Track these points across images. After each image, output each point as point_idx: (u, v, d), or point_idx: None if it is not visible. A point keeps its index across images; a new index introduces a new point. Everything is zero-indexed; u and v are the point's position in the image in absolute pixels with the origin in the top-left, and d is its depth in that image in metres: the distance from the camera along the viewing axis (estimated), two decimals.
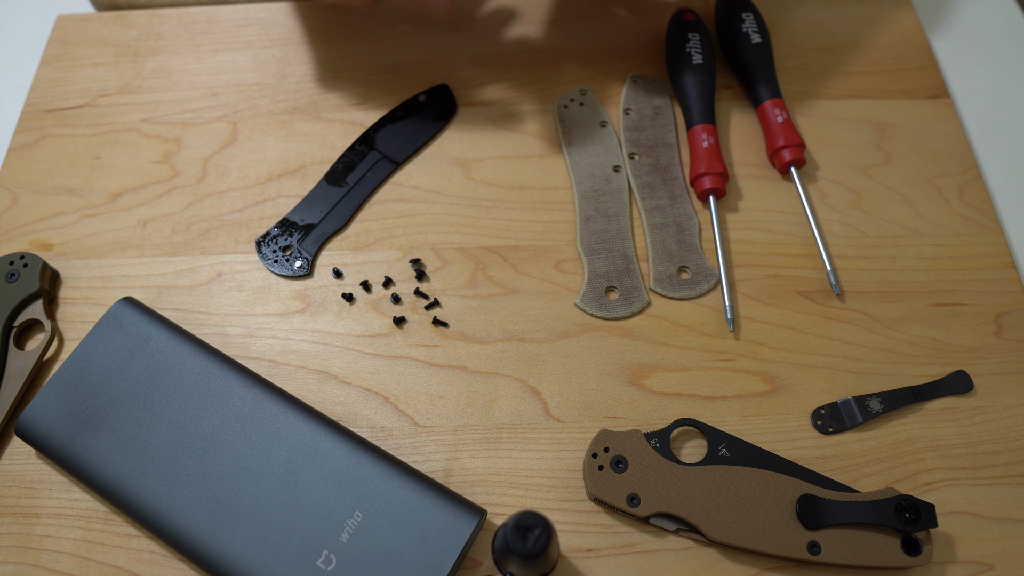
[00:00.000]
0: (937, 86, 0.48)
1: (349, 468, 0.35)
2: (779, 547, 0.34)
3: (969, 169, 0.45)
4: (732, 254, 0.43)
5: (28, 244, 0.45)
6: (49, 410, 0.37)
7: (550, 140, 0.47)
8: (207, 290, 0.43)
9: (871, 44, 0.50)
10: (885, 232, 0.43)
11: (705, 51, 0.46)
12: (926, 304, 0.41)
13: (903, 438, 0.38)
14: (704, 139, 0.44)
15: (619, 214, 0.44)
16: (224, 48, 0.51)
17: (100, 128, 0.48)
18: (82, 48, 0.52)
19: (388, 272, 0.43)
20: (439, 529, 0.33)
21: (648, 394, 0.39)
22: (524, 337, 0.41)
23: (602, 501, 0.36)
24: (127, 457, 0.36)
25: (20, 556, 0.36)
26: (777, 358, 0.40)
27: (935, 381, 0.39)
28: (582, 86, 0.49)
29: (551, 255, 0.43)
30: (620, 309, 0.41)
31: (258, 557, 0.33)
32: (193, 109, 0.49)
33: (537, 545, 0.28)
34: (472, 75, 0.50)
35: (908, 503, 0.34)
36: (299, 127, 0.48)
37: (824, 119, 0.47)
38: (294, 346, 0.41)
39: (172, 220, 0.45)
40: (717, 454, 0.37)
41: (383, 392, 0.40)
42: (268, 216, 0.45)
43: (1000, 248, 0.43)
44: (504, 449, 0.38)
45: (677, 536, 0.36)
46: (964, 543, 0.36)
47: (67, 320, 0.42)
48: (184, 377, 0.37)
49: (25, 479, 0.38)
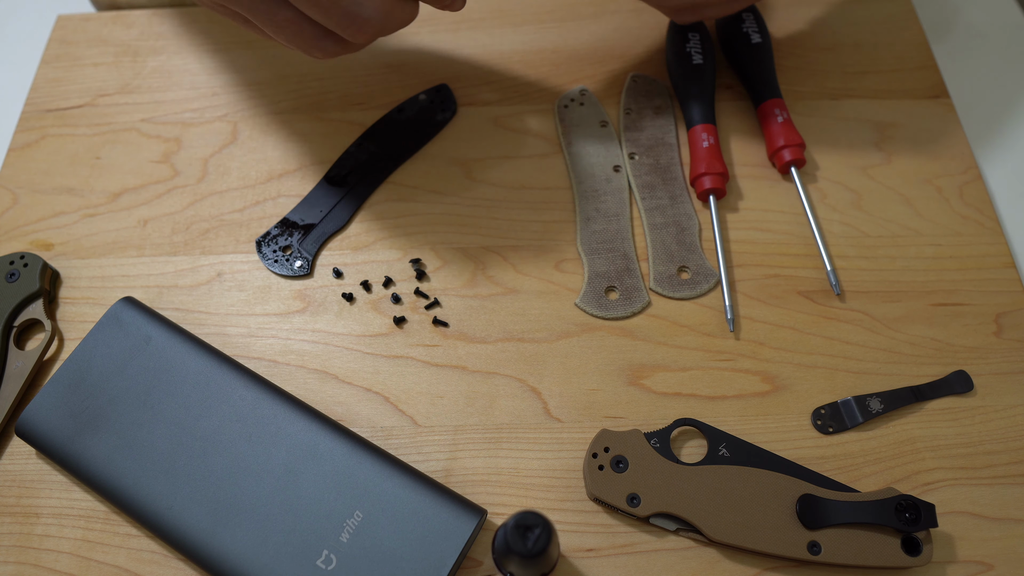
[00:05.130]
0: (937, 86, 0.48)
1: (349, 468, 0.35)
2: (779, 547, 0.34)
3: (969, 169, 0.45)
4: (732, 254, 0.43)
5: (28, 244, 0.45)
6: (49, 410, 0.37)
7: (550, 140, 0.47)
8: (207, 290, 0.43)
9: (871, 44, 0.50)
10: (885, 232, 0.43)
11: (705, 51, 0.46)
12: (926, 304, 0.41)
13: (903, 438, 0.38)
14: (704, 139, 0.44)
15: (619, 214, 0.44)
16: (224, 48, 0.51)
17: (100, 128, 0.48)
18: (82, 48, 0.52)
19: (388, 272, 0.43)
20: (439, 529, 0.33)
21: (648, 394, 0.39)
22: (524, 337, 0.41)
23: (602, 501, 0.36)
24: (127, 457, 0.36)
25: (20, 556, 0.36)
26: (777, 358, 0.40)
27: (935, 381, 0.39)
28: (582, 86, 0.49)
29: (551, 255, 0.43)
30: (620, 309, 0.41)
31: (258, 557, 0.33)
32: (193, 109, 0.49)
33: (537, 545, 0.28)
34: (472, 75, 0.50)
35: (908, 503, 0.34)
36: (299, 127, 0.48)
37: (824, 119, 0.47)
38: (294, 346, 0.41)
39: (172, 220, 0.45)
40: (717, 454, 0.37)
41: (383, 392, 0.40)
42: (268, 216, 0.45)
43: (1000, 248, 0.43)
44: (504, 449, 0.38)
45: (677, 536, 0.36)
46: (964, 543, 0.36)
47: (67, 320, 0.42)
48: (184, 377, 0.37)
49: (25, 479, 0.38)
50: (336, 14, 0.34)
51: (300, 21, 0.35)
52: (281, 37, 0.36)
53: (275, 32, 0.36)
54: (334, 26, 0.35)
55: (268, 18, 0.35)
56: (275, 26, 0.35)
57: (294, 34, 0.36)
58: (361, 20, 0.34)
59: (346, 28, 0.35)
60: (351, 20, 0.34)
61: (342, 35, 0.35)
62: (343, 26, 0.35)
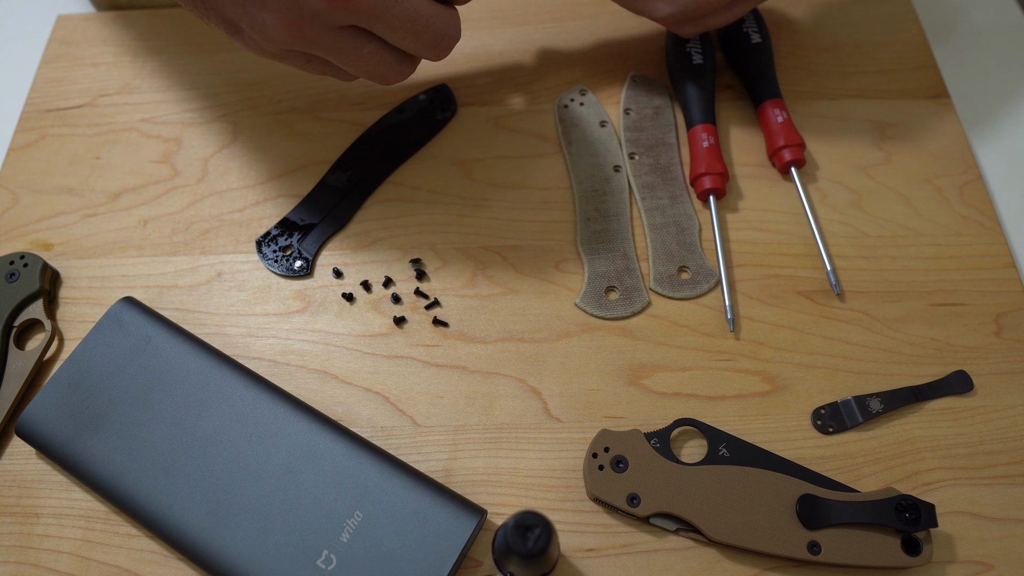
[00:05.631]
0: (937, 86, 0.48)
1: (349, 468, 0.35)
2: (779, 547, 0.34)
3: (969, 169, 0.45)
4: (732, 254, 0.43)
5: (28, 244, 0.45)
6: (49, 410, 0.37)
7: (550, 140, 0.47)
8: (207, 290, 0.43)
9: (871, 44, 0.50)
10: (885, 232, 0.43)
11: (705, 51, 0.46)
12: (926, 304, 0.41)
13: (903, 438, 0.38)
14: (704, 139, 0.44)
15: (619, 214, 0.44)
16: (224, 48, 0.51)
17: (100, 128, 0.48)
18: (82, 48, 0.52)
19: (388, 272, 0.43)
20: (439, 529, 0.33)
21: (648, 394, 0.39)
22: (524, 337, 0.41)
23: (602, 501, 0.36)
24: (127, 457, 0.36)
25: (20, 556, 0.36)
26: (777, 358, 0.40)
27: (935, 381, 0.39)
28: (582, 86, 0.49)
29: (551, 255, 0.43)
30: (620, 309, 0.41)
31: (258, 557, 0.33)
32: (193, 109, 0.49)
33: (537, 545, 0.28)
34: (472, 75, 0.50)
35: (908, 503, 0.34)
36: (299, 127, 0.48)
37: (824, 119, 0.47)
38: (294, 346, 0.41)
39: (172, 220, 0.45)
40: (717, 454, 0.37)
41: (383, 392, 0.40)
42: (268, 216, 0.45)
43: (1000, 248, 0.43)
44: (504, 449, 0.38)
45: (677, 536, 0.36)
46: (964, 543, 0.36)
47: (67, 320, 0.42)
48: (184, 377, 0.37)
49: (25, 479, 0.38)
50: (427, 38, 0.35)
51: (383, 50, 0.35)
52: (363, 70, 0.36)
53: (357, 66, 0.36)
54: (422, 49, 0.35)
55: (353, 54, 0.35)
56: (359, 60, 0.35)
57: (376, 63, 0.36)
58: (448, 39, 0.35)
59: (433, 49, 0.35)
60: (439, 40, 0.35)
61: (427, 56, 0.36)
62: (431, 47, 0.35)
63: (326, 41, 0.34)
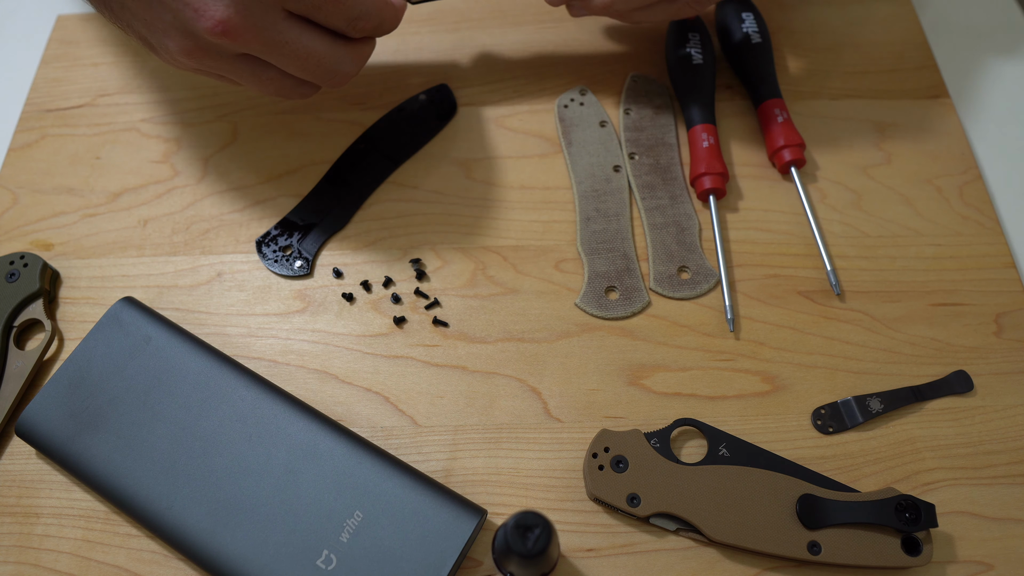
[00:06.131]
0: (937, 86, 0.48)
1: (349, 468, 0.35)
2: (779, 547, 0.34)
3: (969, 169, 0.45)
4: (732, 254, 0.43)
5: (28, 244, 0.45)
6: (49, 410, 0.37)
7: (550, 140, 0.47)
8: (207, 290, 0.43)
9: (871, 44, 0.50)
10: (885, 232, 0.43)
11: (705, 51, 0.46)
12: (926, 304, 0.41)
13: (903, 438, 0.38)
14: (704, 139, 0.44)
15: (619, 214, 0.44)
16: None
17: (100, 128, 0.48)
18: (82, 48, 0.52)
19: (388, 272, 0.43)
20: (439, 529, 0.33)
21: (648, 394, 0.39)
22: (524, 337, 0.41)
23: (602, 501, 0.36)
24: (127, 457, 0.36)
25: (20, 556, 0.36)
26: (777, 358, 0.40)
27: (935, 381, 0.39)
28: (582, 86, 0.49)
29: (551, 255, 0.43)
30: (620, 309, 0.41)
31: (258, 557, 0.33)
32: (193, 109, 0.49)
33: (537, 545, 0.28)
34: (472, 75, 0.50)
35: (908, 503, 0.34)
36: (299, 127, 0.48)
37: (824, 119, 0.47)
38: (294, 346, 0.41)
39: (172, 220, 0.45)
40: (717, 454, 0.37)
41: (383, 392, 0.40)
42: (268, 216, 0.45)
43: (1000, 248, 0.43)
44: (504, 449, 0.38)
45: (677, 536, 0.36)
46: (964, 543, 0.36)
47: (67, 320, 0.42)
48: (184, 377, 0.37)
49: (25, 479, 0.38)
50: (321, 73, 0.38)
51: (283, 77, 0.39)
52: (267, 90, 0.39)
53: (259, 88, 0.39)
54: (318, 81, 0.38)
55: (252, 78, 0.38)
56: (260, 83, 0.39)
57: (278, 87, 0.39)
58: (342, 75, 0.39)
59: (328, 81, 0.39)
60: (333, 75, 0.38)
61: (323, 86, 0.40)
62: (325, 80, 0.39)
63: (225, 66, 0.37)
